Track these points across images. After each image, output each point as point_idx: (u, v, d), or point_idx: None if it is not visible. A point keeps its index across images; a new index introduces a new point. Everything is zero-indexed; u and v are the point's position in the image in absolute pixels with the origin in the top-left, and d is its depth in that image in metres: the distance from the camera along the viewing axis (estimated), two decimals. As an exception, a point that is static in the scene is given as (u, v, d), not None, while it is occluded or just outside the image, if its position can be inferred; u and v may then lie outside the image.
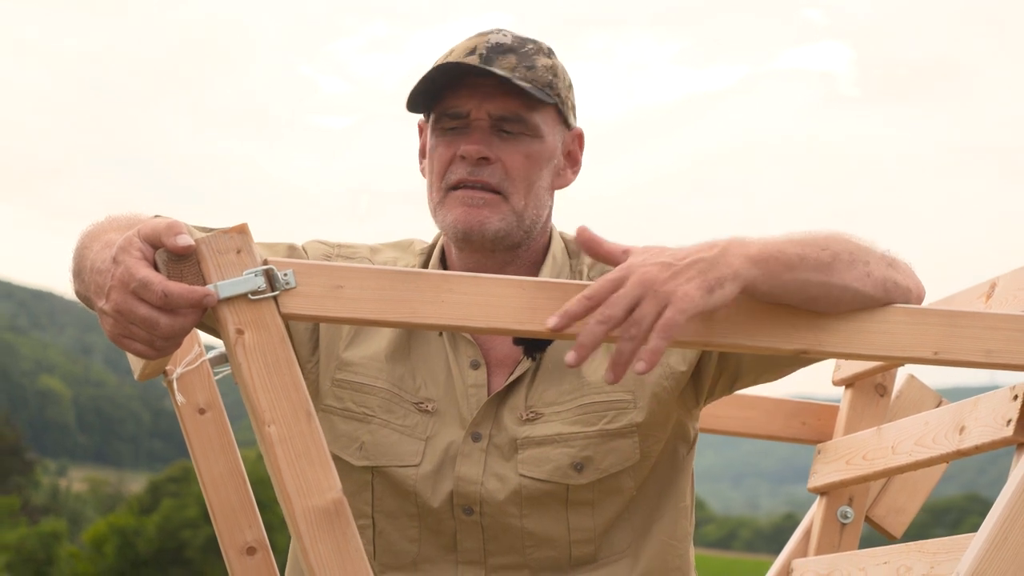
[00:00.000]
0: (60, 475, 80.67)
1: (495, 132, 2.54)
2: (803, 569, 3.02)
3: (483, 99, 2.53)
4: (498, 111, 2.54)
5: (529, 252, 2.62)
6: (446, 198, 2.55)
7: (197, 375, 2.89)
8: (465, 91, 2.54)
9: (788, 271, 2.23)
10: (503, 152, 2.54)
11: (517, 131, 2.55)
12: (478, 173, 2.53)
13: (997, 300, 2.64)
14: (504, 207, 2.54)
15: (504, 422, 2.55)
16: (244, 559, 2.87)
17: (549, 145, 2.58)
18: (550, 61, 2.58)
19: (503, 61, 2.53)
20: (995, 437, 2.44)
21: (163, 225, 2.15)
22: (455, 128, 2.56)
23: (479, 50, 2.55)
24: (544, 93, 2.54)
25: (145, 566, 45.69)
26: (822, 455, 3.10)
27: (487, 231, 2.53)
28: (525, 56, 2.55)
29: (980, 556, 2.29)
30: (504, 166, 2.54)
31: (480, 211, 2.53)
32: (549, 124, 2.58)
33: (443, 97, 2.55)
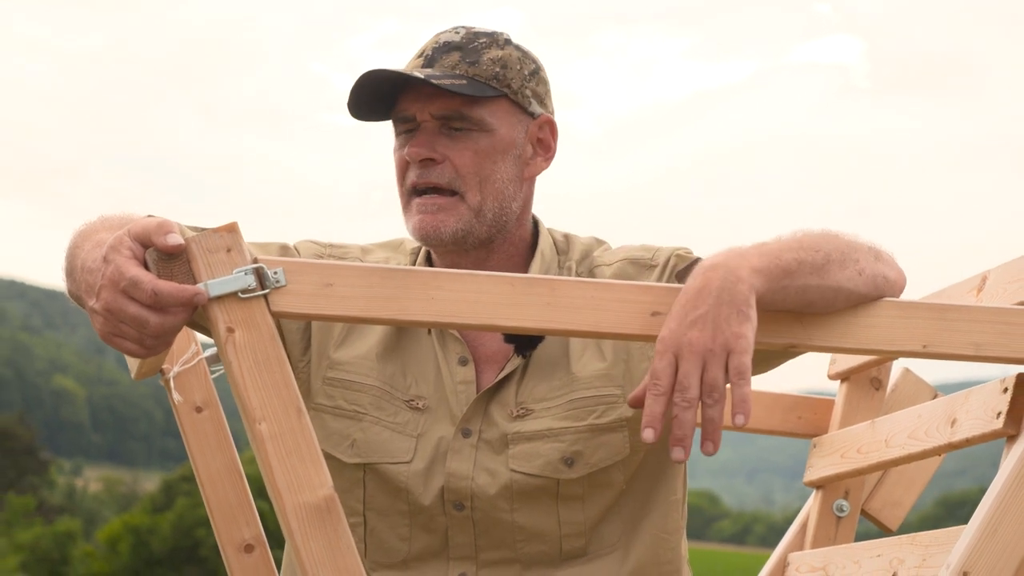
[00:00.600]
0: (75, 475, 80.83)
1: (443, 132, 2.56)
2: (799, 562, 3.03)
3: (425, 101, 2.55)
4: (439, 111, 2.55)
5: (507, 246, 2.63)
6: (409, 203, 2.59)
7: (194, 373, 2.90)
8: (411, 94, 2.56)
9: (787, 277, 2.26)
10: (450, 151, 2.55)
11: (463, 128, 2.56)
12: (427, 175, 2.55)
13: (988, 293, 2.65)
14: (460, 207, 2.55)
15: (494, 418, 2.57)
16: (242, 556, 2.88)
17: (502, 137, 2.58)
18: (501, 52, 2.58)
19: (445, 60, 2.55)
20: (985, 430, 2.45)
21: (153, 224, 2.16)
22: (407, 131, 2.59)
23: (426, 52, 2.58)
24: (485, 86, 2.54)
25: (159, 565, 45.77)
26: (817, 449, 3.11)
27: (444, 234, 2.55)
28: (472, 51, 2.56)
29: (971, 548, 2.31)
30: (453, 164, 2.55)
31: (435, 216, 2.55)
32: (500, 116, 2.58)
33: (397, 102, 2.58)
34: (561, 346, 2.59)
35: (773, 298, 2.25)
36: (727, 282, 2.21)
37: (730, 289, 2.20)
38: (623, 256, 2.64)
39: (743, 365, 2.18)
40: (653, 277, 2.59)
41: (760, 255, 2.26)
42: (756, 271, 2.23)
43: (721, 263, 2.23)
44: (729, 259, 2.24)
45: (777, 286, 2.25)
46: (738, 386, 2.18)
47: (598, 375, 2.56)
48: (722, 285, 2.20)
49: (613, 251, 2.67)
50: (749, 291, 2.21)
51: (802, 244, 2.31)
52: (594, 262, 2.65)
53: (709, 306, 2.19)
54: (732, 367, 2.18)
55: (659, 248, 2.64)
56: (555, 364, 2.57)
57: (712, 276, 2.22)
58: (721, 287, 2.20)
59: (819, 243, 2.33)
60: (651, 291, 2.27)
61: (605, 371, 2.56)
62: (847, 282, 2.30)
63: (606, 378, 2.56)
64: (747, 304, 2.20)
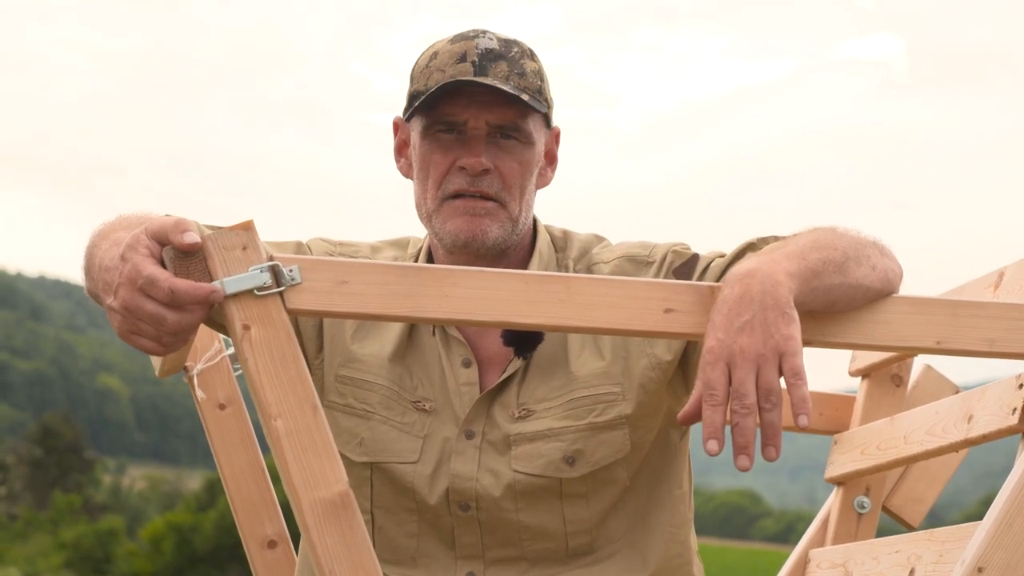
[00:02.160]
0: (119, 473, 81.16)
1: (491, 140, 2.56)
2: (819, 559, 3.04)
3: (481, 109, 2.55)
4: (496, 121, 2.56)
5: (517, 251, 2.65)
6: (443, 207, 2.57)
7: (217, 371, 2.93)
8: (463, 100, 2.55)
9: (816, 278, 2.28)
10: (500, 161, 2.56)
11: (512, 138, 2.57)
12: (478, 184, 2.55)
13: (1005, 290, 2.65)
14: (502, 214, 2.57)
15: (496, 419, 2.58)
16: (265, 552, 2.91)
17: (538, 150, 2.61)
18: (535, 64, 2.60)
19: (496, 69, 2.55)
20: (1001, 426, 2.45)
21: (170, 223, 2.18)
22: (450, 135, 2.57)
23: (470, 57, 2.56)
24: (537, 101, 2.56)
25: (202, 563, 45.96)
26: (838, 445, 3.11)
27: (487, 240, 2.56)
28: (514, 62, 2.56)
29: (986, 542, 2.31)
30: (501, 175, 2.56)
31: (481, 221, 2.56)
32: (538, 128, 2.61)
33: (439, 104, 2.56)
34: (560, 346, 2.60)
35: (804, 300, 2.27)
36: (767, 286, 2.22)
37: (772, 293, 2.21)
38: (621, 253, 2.65)
39: (797, 366, 2.19)
40: (650, 274, 2.60)
41: (789, 258, 2.27)
42: (791, 275, 2.25)
43: (756, 269, 2.24)
44: (763, 265, 2.25)
45: (808, 288, 2.27)
46: (796, 387, 2.19)
47: (596, 374, 2.57)
48: (763, 290, 2.21)
49: (611, 248, 2.68)
50: (788, 294, 2.22)
51: (820, 244, 2.33)
52: (592, 259, 2.66)
53: (755, 312, 2.20)
54: (787, 369, 2.19)
55: (656, 245, 2.65)
56: (554, 364, 2.59)
57: (751, 283, 2.22)
58: (763, 292, 2.21)
59: (835, 242, 2.34)
60: (665, 288, 2.28)
61: (603, 369, 2.57)
62: (864, 279, 2.32)
63: (604, 376, 2.57)
64: (789, 306, 2.21)
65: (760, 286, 2.22)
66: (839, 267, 2.30)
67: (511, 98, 2.53)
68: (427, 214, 2.60)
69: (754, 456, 2.20)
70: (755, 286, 2.22)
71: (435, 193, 2.58)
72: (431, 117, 2.58)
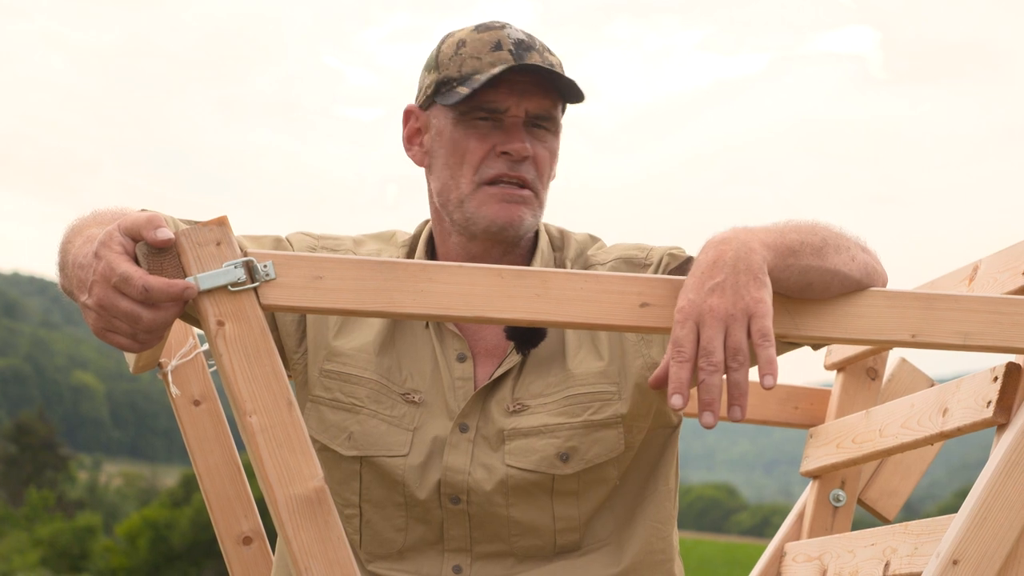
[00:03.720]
0: (95, 470, 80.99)
1: (527, 129, 2.58)
2: (795, 552, 3.04)
3: (522, 96, 2.56)
4: (535, 109, 2.58)
5: (526, 241, 2.66)
6: (478, 192, 2.57)
7: (192, 367, 2.93)
8: (504, 87, 2.56)
9: (792, 255, 2.30)
10: (536, 148, 2.59)
11: (546, 128, 2.60)
12: (518, 169, 2.57)
13: (979, 283, 2.66)
14: (535, 203, 2.60)
15: (491, 414, 2.58)
16: (240, 549, 2.90)
17: (560, 141, 2.65)
18: (556, 59, 2.63)
19: (531, 58, 2.57)
20: (976, 419, 2.46)
21: (143, 219, 2.18)
22: (487, 122, 2.57)
23: (506, 46, 2.56)
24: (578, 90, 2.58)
25: (179, 559, 45.88)
26: (814, 439, 3.12)
27: (521, 228, 2.58)
28: (541, 53, 2.59)
29: (961, 535, 2.32)
30: (535, 162, 2.58)
31: (519, 208, 2.57)
32: (561, 121, 2.64)
33: (478, 91, 2.55)
34: (558, 343, 2.60)
35: (778, 276, 2.28)
36: (741, 252, 2.24)
37: (745, 258, 2.24)
38: (617, 255, 2.66)
39: (765, 328, 2.20)
40: None
41: (767, 232, 2.31)
42: (766, 245, 2.27)
43: (732, 236, 2.28)
44: (739, 233, 2.29)
45: (783, 263, 2.29)
46: (763, 348, 2.21)
47: (594, 372, 2.57)
48: (736, 255, 2.24)
49: (607, 249, 2.69)
50: (762, 261, 2.25)
51: (800, 228, 2.36)
52: (588, 260, 2.67)
53: (726, 274, 2.23)
54: (755, 330, 2.21)
55: (653, 247, 2.66)
56: (551, 361, 2.59)
57: (725, 248, 2.25)
58: (736, 256, 2.24)
59: (816, 228, 2.38)
60: (640, 282, 2.28)
61: (602, 368, 2.58)
62: (843, 266, 2.33)
63: (601, 375, 2.57)
64: (762, 272, 2.24)
65: (734, 252, 2.24)
66: (816, 250, 2.32)
67: (548, 86, 2.55)
68: (459, 199, 2.58)
69: (718, 413, 2.21)
70: (728, 251, 2.25)
71: (471, 178, 2.58)
72: (469, 103, 2.57)
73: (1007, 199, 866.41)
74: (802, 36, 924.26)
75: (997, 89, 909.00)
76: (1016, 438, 2.35)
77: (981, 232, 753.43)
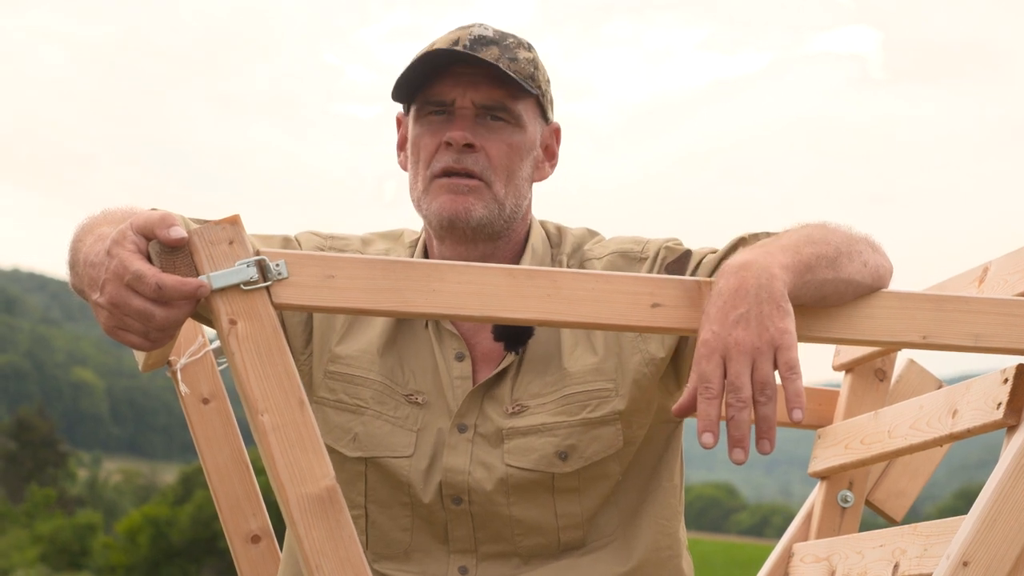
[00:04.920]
0: (94, 467, 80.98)
1: (479, 121, 2.58)
2: (803, 552, 3.04)
3: (467, 87, 2.57)
4: (482, 100, 2.57)
5: (510, 244, 2.65)
6: (430, 186, 2.58)
7: (201, 365, 2.93)
8: (450, 80, 2.57)
9: (808, 272, 2.28)
10: (486, 141, 2.57)
11: (501, 119, 2.58)
12: (463, 161, 2.56)
13: (989, 284, 2.66)
14: (487, 194, 2.57)
15: (489, 413, 2.58)
16: (249, 547, 2.91)
17: (530, 136, 2.62)
18: (530, 54, 2.62)
19: (487, 52, 2.57)
20: (986, 420, 2.46)
21: (156, 217, 2.18)
22: (439, 117, 2.59)
23: (463, 41, 2.58)
24: (527, 84, 2.58)
25: (178, 556, 45.88)
26: (822, 440, 3.12)
27: (471, 218, 2.56)
28: (507, 48, 2.59)
29: (971, 537, 2.32)
30: (487, 154, 2.57)
31: (465, 198, 2.56)
32: (530, 115, 2.62)
33: (427, 86, 2.58)
34: (553, 341, 2.60)
35: (797, 294, 2.27)
36: (762, 279, 2.22)
37: (767, 287, 2.21)
38: (613, 249, 2.65)
39: (792, 360, 2.18)
40: (643, 269, 2.61)
41: (784, 251, 2.28)
42: (785, 268, 2.25)
43: (752, 261, 2.24)
44: (759, 257, 2.25)
45: (801, 281, 2.27)
46: (791, 380, 2.19)
47: (589, 370, 2.57)
48: (759, 283, 2.21)
49: (604, 243, 2.68)
50: (784, 287, 2.22)
51: (813, 238, 2.33)
52: (585, 255, 2.67)
53: (750, 305, 2.20)
54: (782, 362, 2.18)
55: (649, 240, 2.66)
56: (548, 360, 2.59)
57: (746, 276, 2.22)
58: (758, 285, 2.21)
59: (827, 237, 2.35)
60: (652, 283, 2.28)
61: (596, 365, 2.57)
62: (856, 275, 2.32)
63: (597, 372, 2.57)
64: (784, 299, 2.21)
65: (756, 279, 2.21)
66: (831, 262, 2.30)
67: (499, 78, 2.55)
68: (417, 197, 2.61)
69: (749, 449, 2.19)
70: (751, 279, 2.22)
71: (424, 173, 2.60)
72: (421, 99, 2.60)
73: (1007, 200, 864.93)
74: (802, 36, 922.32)
75: (997, 89, 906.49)
76: (1026, 440, 2.35)
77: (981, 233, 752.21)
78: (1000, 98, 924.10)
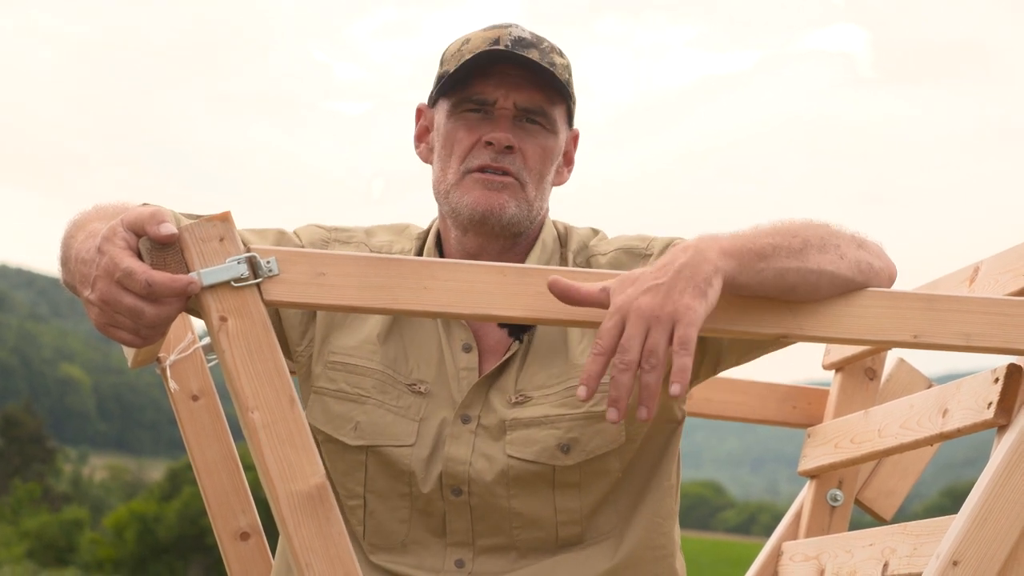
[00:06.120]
0: (81, 462, 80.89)
1: (516, 123, 2.59)
2: (792, 551, 3.05)
3: (510, 89, 2.58)
4: (524, 102, 2.59)
5: (525, 242, 2.66)
6: (463, 180, 2.59)
7: (190, 362, 2.92)
8: (493, 80, 2.58)
9: (762, 260, 2.28)
10: (524, 143, 2.59)
11: (538, 123, 2.60)
12: (501, 160, 2.58)
13: (980, 284, 2.66)
14: (520, 194, 2.59)
15: (493, 404, 2.58)
16: (237, 544, 2.90)
17: (560, 142, 2.65)
18: (564, 60, 2.64)
19: (528, 54, 2.58)
20: (976, 420, 2.46)
21: (147, 213, 2.17)
22: (477, 115, 2.60)
23: (503, 42, 2.59)
24: (565, 90, 2.60)
25: (165, 552, 45.83)
26: (812, 439, 3.12)
27: (504, 216, 2.58)
28: (544, 52, 2.61)
29: (961, 537, 2.32)
30: (524, 156, 2.59)
31: (500, 195, 2.58)
32: (561, 121, 2.65)
33: (468, 84, 2.59)
34: (560, 333, 2.61)
35: (748, 281, 2.27)
36: (692, 259, 2.23)
37: (693, 266, 2.22)
38: (618, 246, 2.66)
39: (687, 336, 2.19)
40: None
41: (732, 239, 2.29)
42: (725, 253, 2.26)
43: (692, 244, 2.26)
44: (701, 241, 2.27)
45: (750, 268, 2.27)
46: (679, 355, 2.19)
47: None
48: (686, 262, 2.23)
49: (608, 241, 2.69)
50: (713, 272, 2.23)
51: (779, 231, 2.34)
52: (590, 252, 2.68)
53: (668, 277, 2.22)
54: (677, 336, 2.19)
55: (654, 238, 2.67)
56: (554, 351, 2.59)
57: (679, 254, 2.25)
58: (684, 263, 2.23)
59: (798, 230, 2.36)
60: (643, 281, 2.28)
61: None
62: (829, 265, 2.32)
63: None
64: (707, 283, 2.22)
65: (686, 258, 2.23)
66: (795, 252, 2.30)
67: (540, 82, 2.57)
68: (446, 189, 2.61)
69: (624, 411, 2.20)
70: (681, 257, 2.24)
71: (457, 167, 2.60)
72: (460, 95, 2.60)
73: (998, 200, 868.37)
74: (792, 34, 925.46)
75: (987, 89, 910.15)
76: (1017, 440, 2.35)
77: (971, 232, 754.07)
78: (990, 98, 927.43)
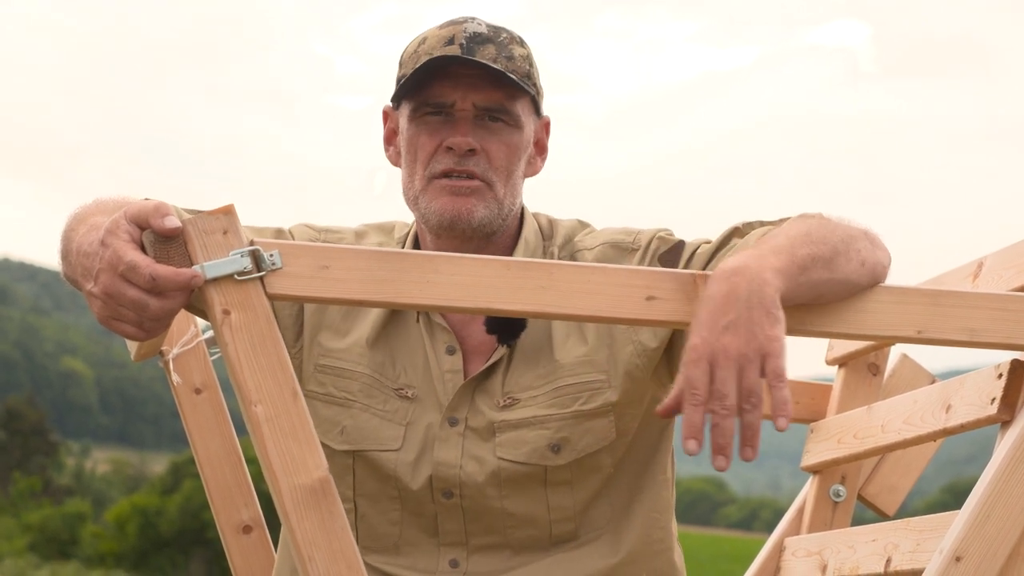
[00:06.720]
0: (83, 456, 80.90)
1: (478, 122, 2.57)
2: (795, 547, 3.04)
3: (468, 90, 2.56)
4: (483, 102, 2.56)
5: (503, 238, 2.64)
6: (429, 186, 2.57)
7: (193, 355, 2.93)
8: (449, 81, 2.56)
9: (803, 273, 2.26)
10: (486, 142, 2.57)
11: (500, 120, 2.58)
12: (464, 163, 2.56)
13: (984, 279, 2.66)
14: (488, 195, 2.57)
15: (480, 406, 2.58)
16: (240, 537, 2.90)
17: (526, 135, 2.62)
18: (524, 50, 2.61)
19: (484, 51, 2.56)
20: (980, 415, 2.46)
21: (150, 207, 2.17)
22: (437, 118, 2.58)
23: (458, 40, 2.56)
24: (525, 83, 2.57)
25: (167, 546, 45.86)
26: (815, 434, 3.12)
27: (473, 220, 2.56)
28: (502, 46, 2.58)
29: (964, 532, 2.32)
30: (488, 156, 2.57)
31: (467, 200, 2.56)
32: (526, 114, 2.62)
33: (426, 87, 2.57)
34: (545, 333, 2.60)
35: (790, 296, 2.24)
36: (754, 285, 2.19)
37: (758, 292, 2.18)
38: (604, 240, 2.65)
39: (779, 368, 2.16)
40: (635, 260, 2.60)
41: (777, 254, 2.25)
42: (778, 272, 2.22)
43: (743, 266, 2.21)
44: (750, 261, 2.22)
45: (795, 283, 2.25)
46: (777, 389, 2.16)
47: (581, 361, 2.56)
48: (749, 288, 2.18)
49: (595, 235, 2.68)
50: (775, 293, 2.20)
51: (811, 237, 2.31)
52: (575, 246, 2.66)
53: (739, 311, 2.17)
54: (769, 371, 2.16)
55: (640, 231, 2.65)
56: (539, 352, 2.58)
57: (738, 281, 2.20)
58: (749, 291, 2.18)
59: (825, 235, 2.32)
60: (647, 275, 2.28)
61: (587, 357, 2.56)
62: (853, 274, 2.30)
63: (589, 364, 2.56)
64: (775, 306, 2.19)
65: (747, 284, 2.18)
66: (827, 263, 2.28)
67: (498, 79, 2.54)
68: (414, 196, 2.60)
69: (732, 456, 2.16)
70: (742, 284, 2.19)
71: (422, 174, 2.58)
72: (418, 99, 2.58)
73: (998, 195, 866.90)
74: (792, 29, 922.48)
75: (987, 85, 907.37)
76: (1020, 435, 2.34)
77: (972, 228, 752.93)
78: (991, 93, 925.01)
